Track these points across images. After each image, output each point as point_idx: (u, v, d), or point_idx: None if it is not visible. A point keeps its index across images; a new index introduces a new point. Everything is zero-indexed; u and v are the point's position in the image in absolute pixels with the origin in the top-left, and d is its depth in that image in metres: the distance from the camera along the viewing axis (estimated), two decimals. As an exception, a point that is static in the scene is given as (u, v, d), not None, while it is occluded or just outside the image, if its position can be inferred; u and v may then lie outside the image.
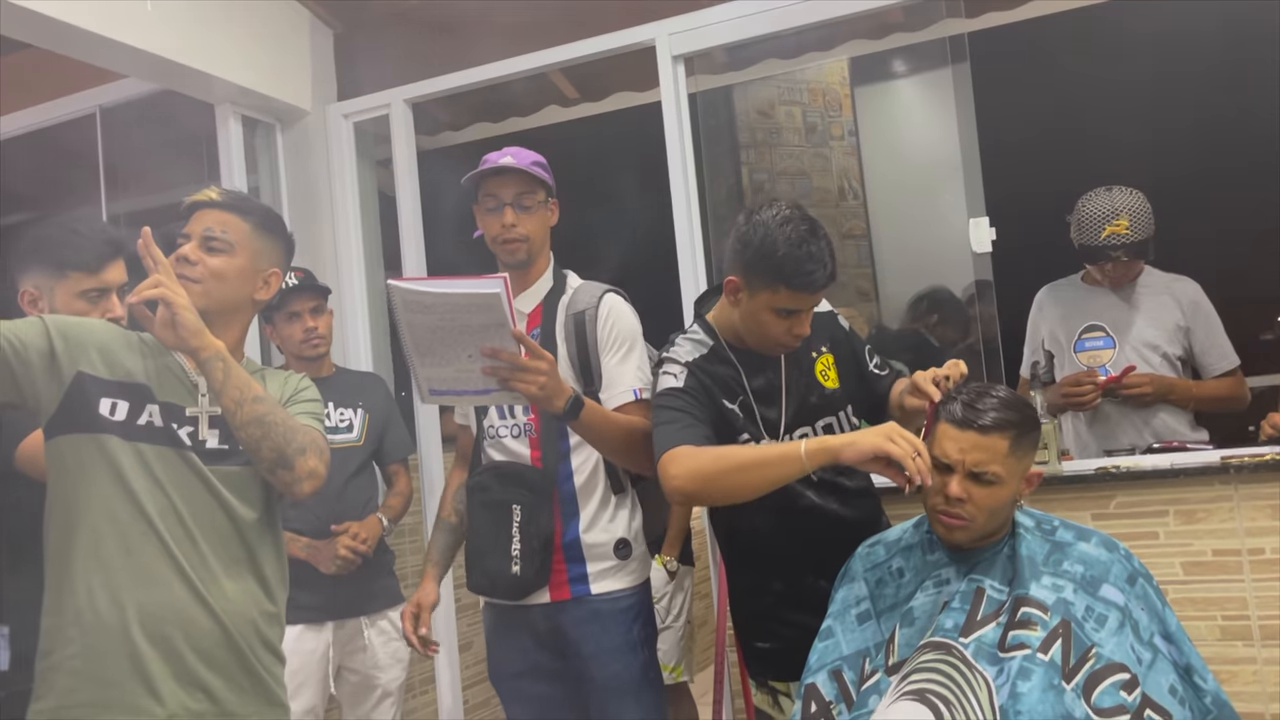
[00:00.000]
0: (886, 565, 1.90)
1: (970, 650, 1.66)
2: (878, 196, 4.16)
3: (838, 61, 4.17)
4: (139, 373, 1.72)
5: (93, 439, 1.66)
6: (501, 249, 2.24)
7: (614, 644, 2.19)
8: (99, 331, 1.74)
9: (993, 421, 1.71)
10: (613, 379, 2.18)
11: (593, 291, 2.25)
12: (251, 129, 3.38)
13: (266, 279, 1.84)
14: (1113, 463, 2.51)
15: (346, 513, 2.75)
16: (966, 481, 1.72)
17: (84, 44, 2.75)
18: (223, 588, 1.69)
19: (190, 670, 1.65)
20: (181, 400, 1.74)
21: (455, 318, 1.80)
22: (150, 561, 1.65)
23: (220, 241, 1.77)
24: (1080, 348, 2.93)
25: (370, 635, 2.81)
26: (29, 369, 1.65)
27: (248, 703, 1.72)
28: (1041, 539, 1.80)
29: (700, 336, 2.07)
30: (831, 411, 2.08)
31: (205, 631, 1.67)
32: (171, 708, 1.63)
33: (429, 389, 1.92)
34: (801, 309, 1.95)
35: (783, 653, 2.05)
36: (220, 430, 1.74)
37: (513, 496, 2.18)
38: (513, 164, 2.20)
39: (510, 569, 2.16)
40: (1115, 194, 2.81)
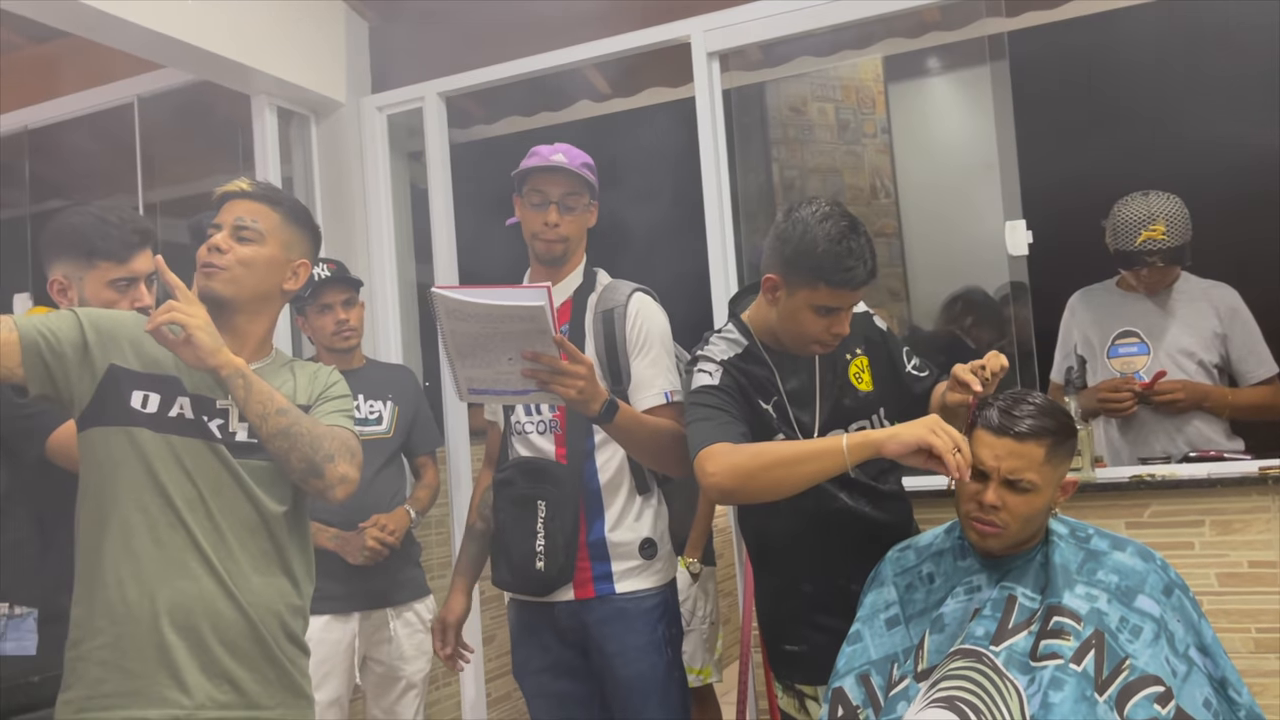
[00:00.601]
0: (917, 570, 1.89)
1: (1001, 659, 1.65)
2: (910, 195, 4.13)
3: (871, 59, 4.13)
4: (170, 365, 1.73)
5: (124, 431, 1.68)
6: (539, 245, 2.26)
7: (638, 643, 2.20)
8: (131, 324, 1.76)
9: (1029, 429, 1.70)
10: (643, 381, 2.19)
11: (622, 290, 2.26)
12: (286, 120, 3.39)
13: (295, 269, 1.85)
14: (1148, 471, 2.48)
15: (375, 504, 2.76)
16: (1001, 489, 1.71)
17: (124, 34, 2.77)
18: (249, 580, 1.70)
19: (217, 662, 1.67)
20: (212, 392, 1.75)
21: (498, 326, 1.82)
22: (178, 553, 1.66)
23: (251, 231, 1.78)
24: (1114, 353, 2.90)
25: (396, 626, 2.83)
26: (63, 361, 1.67)
27: (273, 694, 1.73)
28: (1075, 547, 1.78)
29: (735, 336, 2.06)
30: (864, 415, 2.07)
31: (231, 624, 1.68)
32: (198, 699, 1.65)
33: (468, 388, 1.94)
34: (841, 307, 1.93)
35: (811, 656, 2.04)
36: (250, 423, 1.74)
37: (538, 492, 2.18)
38: (564, 163, 2.21)
39: (534, 565, 2.17)
40: (1152, 199, 2.77)
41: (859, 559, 1.99)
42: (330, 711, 2.70)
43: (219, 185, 1.87)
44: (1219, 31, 3.47)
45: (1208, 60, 3.33)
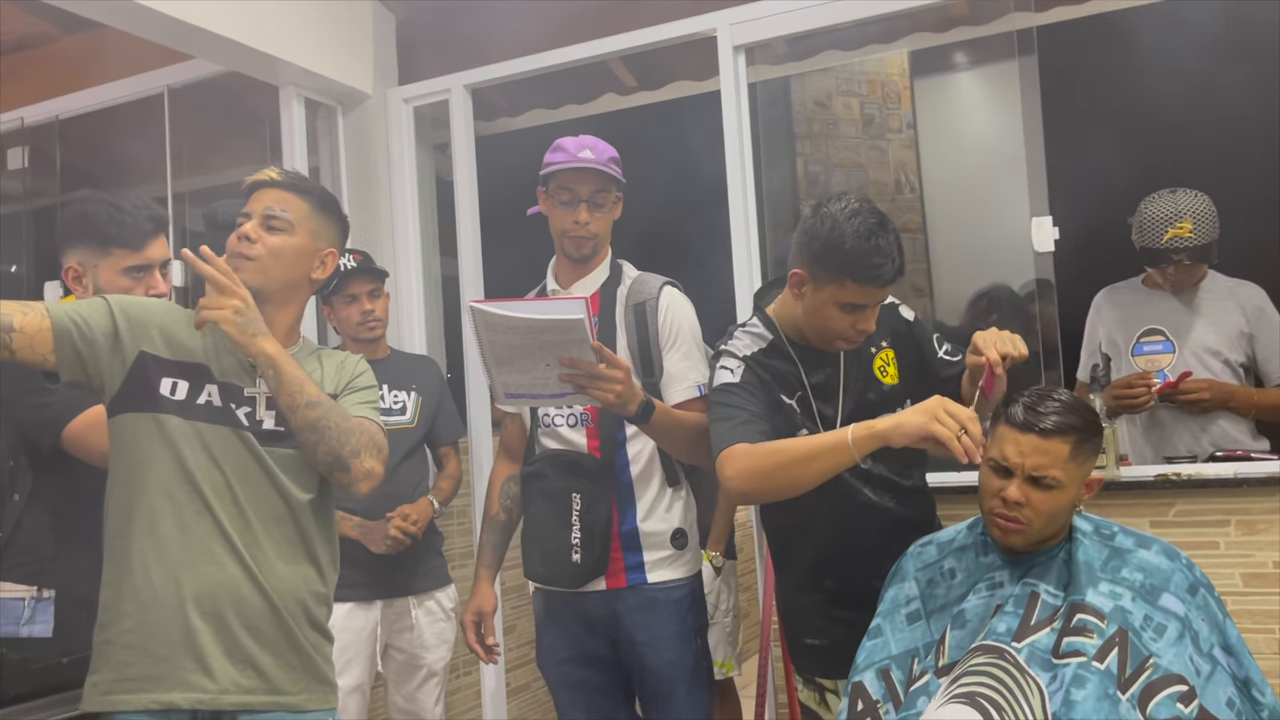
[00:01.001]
0: (938, 565, 1.89)
1: (1023, 655, 1.65)
2: (935, 191, 4.11)
3: (897, 53, 4.11)
4: (199, 353, 1.75)
5: (152, 418, 1.70)
6: (569, 242, 2.26)
7: (668, 633, 2.21)
8: (160, 312, 1.78)
9: (1054, 425, 1.69)
10: (675, 374, 2.21)
11: (652, 283, 2.28)
12: (314, 111, 3.41)
13: (323, 258, 1.85)
14: (1173, 470, 2.46)
15: (398, 493, 2.78)
16: (1025, 485, 1.70)
17: (154, 24, 2.80)
18: (274, 567, 1.72)
19: (241, 647, 1.68)
20: (239, 380, 1.77)
21: (536, 337, 1.85)
22: (204, 539, 1.68)
23: (280, 220, 1.79)
24: (1138, 351, 2.88)
25: (418, 615, 2.85)
26: (94, 348, 1.69)
27: (296, 680, 1.74)
28: (1100, 544, 1.78)
29: (759, 330, 2.06)
30: (890, 408, 2.05)
31: (256, 609, 1.70)
32: (223, 683, 1.66)
33: (505, 392, 1.97)
34: (867, 304, 1.92)
35: (831, 650, 2.04)
36: (278, 411, 1.76)
37: (571, 485, 2.19)
38: (593, 160, 2.21)
39: (570, 557, 2.18)
40: (1179, 196, 2.75)
41: (880, 553, 1.99)
42: (352, 698, 2.72)
43: (247, 175, 1.88)
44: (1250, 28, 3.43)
45: (1238, 56, 3.30)
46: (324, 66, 3.23)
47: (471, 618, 2.37)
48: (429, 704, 2.88)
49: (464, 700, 3.51)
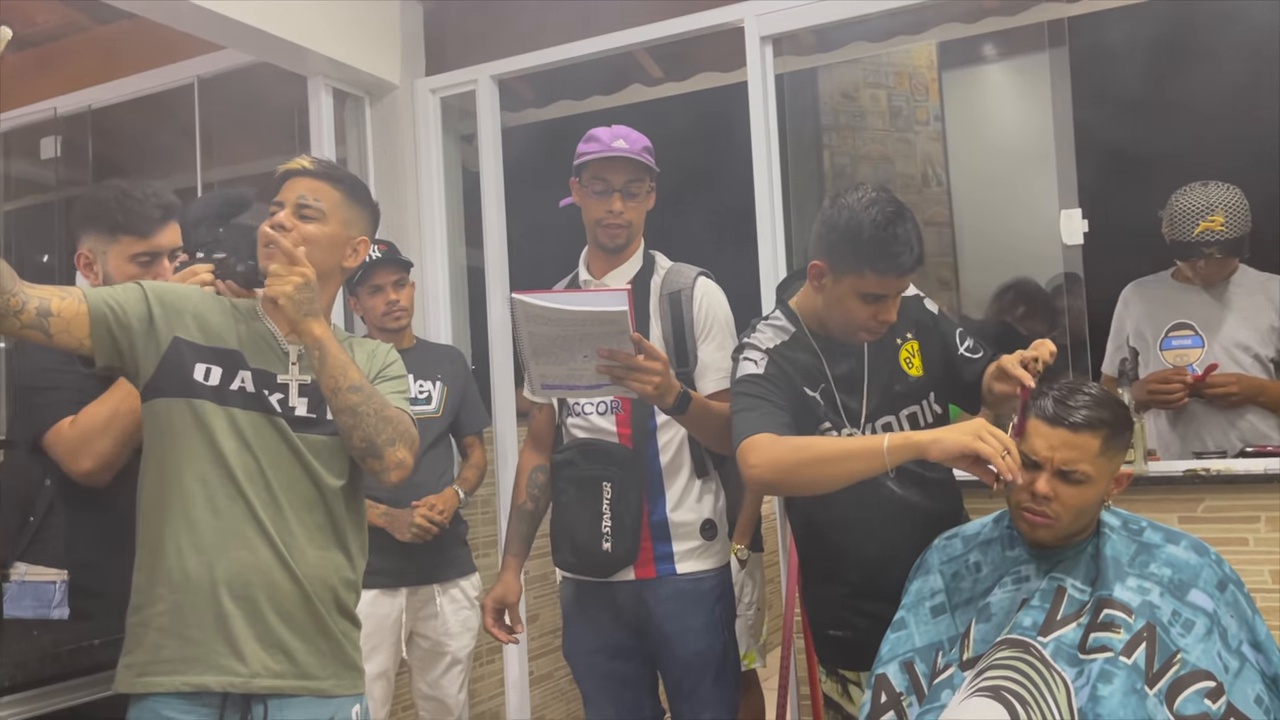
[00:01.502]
0: (964, 559, 1.88)
1: (1049, 650, 1.64)
2: (962, 184, 4.09)
3: (925, 45, 4.09)
4: (232, 339, 1.76)
5: (186, 403, 1.71)
6: (603, 232, 2.27)
7: (697, 624, 2.22)
8: (194, 298, 1.79)
9: (1084, 419, 1.68)
10: (710, 364, 2.22)
11: (687, 273, 2.29)
12: (341, 102, 3.43)
13: (355, 246, 1.85)
14: (1202, 465, 2.44)
15: (424, 483, 2.80)
16: (1054, 479, 1.69)
17: (185, 15, 2.82)
18: (305, 553, 1.73)
19: (272, 631, 1.69)
20: (273, 367, 1.77)
21: (577, 329, 1.86)
22: (237, 524, 1.69)
23: (313, 209, 1.79)
24: (1167, 346, 2.85)
25: (442, 603, 2.87)
26: (129, 334, 1.70)
27: (325, 665, 1.75)
28: (1127, 540, 1.77)
29: (782, 323, 2.05)
30: (915, 400, 2.05)
31: (287, 595, 1.70)
32: (254, 667, 1.67)
33: (541, 384, 1.98)
34: (888, 294, 1.90)
35: (854, 642, 2.04)
36: (309, 398, 1.77)
37: (602, 473, 2.20)
38: (627, 150, 2.22)
39: (600, 546, 2.18)
40: (1211, 189, 2.72)
41: (904, 545, 1.98)
42: (377, 684, 2.75)
43: (277, 165, 1.88)
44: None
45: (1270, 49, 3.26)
46: (352, 57, 3.25)
47: (493, 604, 2.38)
48: (453, 691, 2.90)
49: (488, 688, 3.53)
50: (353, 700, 1.79)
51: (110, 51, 3.82)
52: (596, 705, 2.35)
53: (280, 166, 1.86)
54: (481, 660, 3.47)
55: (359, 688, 1.82)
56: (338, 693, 1.76)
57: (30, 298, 1.61)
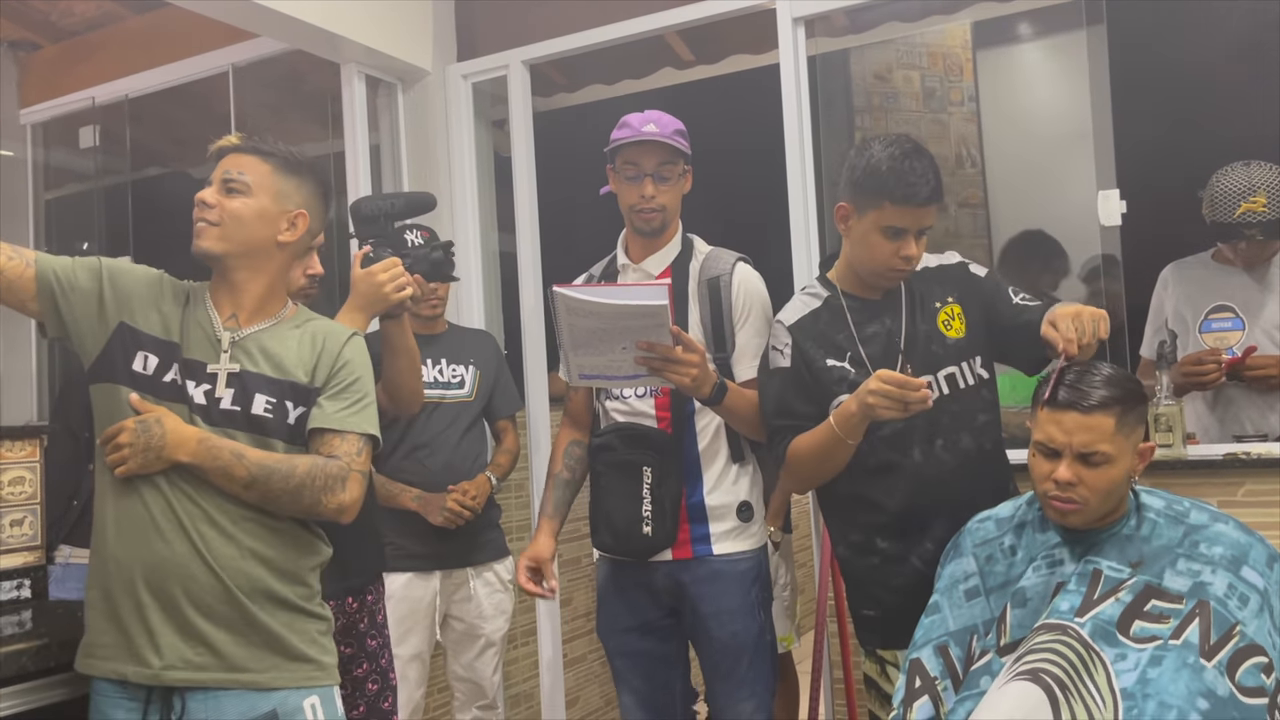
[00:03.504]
0: (998, 542, 1.87)
1: (1087, 630, 1.63)
2: (997, 165, 4.04)
3: (959, 25, 4.04)
4: (175, 328, 1.74)
5: (122, 389, 1.70)
6: (637, 217, 2.28)
7: (733, 605, 2.24)
8: (148, 282, 1.78)
9: (1097, 400, 1.67)
10: (745, 351, 2.25)
11: (725, 258, 2.31)
12: (374, 89, 3.45)
13: (292, 220, 1.79)
14: (1242, 449, 2.41)
15: (458, 466, 2.82)
16: (1075, 464, 1.68)
17: (219, 3, 2.85)
18: (223, 544, 1.68)
19: (191, 624, 1.66)
20: (205, 356, 1.74)
21: (617, 322, 1.89)
22: (157, 516, 1.67)
23: (237, 183, 1.75)
24: (1207, 328, 2.81)
25: (476, 586, 2.89)
26: (73, 308, 1.71)
27: (261, 657, 1.70)
28: (1172, 523, 1.75)
29: (816, 290, 2.13)
30: (954, 361, 2.06)
31: (205, 588, 1.67)
32: (169, 659, 1.65)
33: (579, 374, 2.02)
34: (908, 228, 1.97)
35: (886, 620, 2.05)
36: (235, 390, 1.72)
37: (642, 458, 2.22)
38: (656, 133, 2.22)
39: (641, 530, 2.21)
40: (1253, 169, 2.67)
41: (934, 518, 1.99)
42: (412, 666, 2.78)
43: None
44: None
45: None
46: (385, 44, 3.26)
47: (527, 561, 2.37)
48: (487, 673, 2.93)
49: (522, 670, 3.56)
50: (304, 693, 1.73)
51: (147, 41, 3.85)
52: (628, 683, 2.37)
53: (212, 145, 1.83)
54: (516, 643, 3.49)
55: (316, 680, 1.76)
56: (278, 685, 1.71)
57: None
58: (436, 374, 2.87)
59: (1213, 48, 3.37)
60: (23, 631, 1.98)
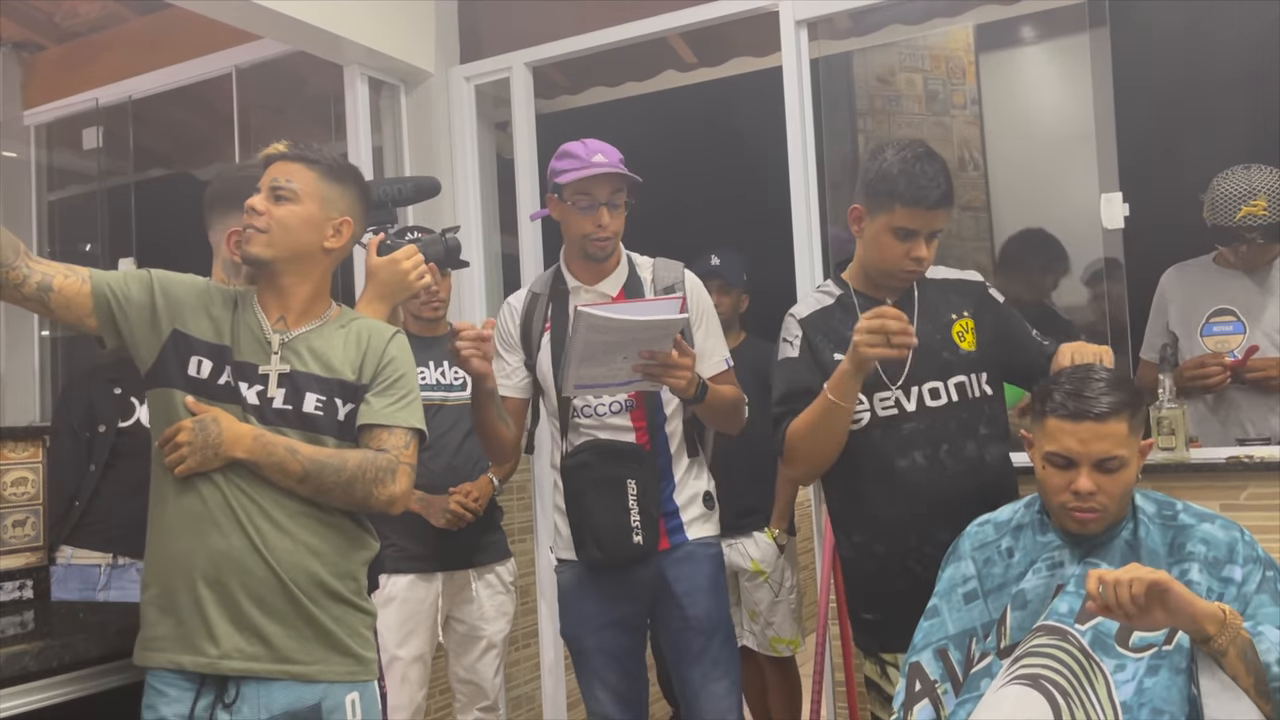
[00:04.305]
0: (996, 545, 1.87)
1: (1088, 639, 1.63)
2: (1000, 168, 4.04)
3: (962, 28, 4.04)
4: (226, 332, 1.79)
5: (177, 394, 1.75)
6: (592, 245, 2.31)
7: (705, 585, 2.34)
8: (198, 289, 1.83)
9: (1109, 407, 1.67)
10: (704, 351, 2.34)
11: (674, 268, 2.41)
12: (377, 90, 3.45)
13: (337, 227, 1.84)
14: (1245, 452, 2.40)
15: (460, 468, 2.82)
16: (1093, 473, 1.68)
17: (223, 5, 2.86)
18: (279, 540, 1.73)
19: (246, 616, 1.71)
20: (256, 358, 1.79)
21: (632, 335, 1.99)
22: (215, 511, 1.72)
23: (286, 190, 1.79)
24: (1208, 331, 2.80)
25: (478, 588, 2.89)
26: (129, 320, 1.76)
27: (310, 650, 1.75)
28: (1162, 527, 1.75)
29: (829, 288, 2.19)
30: (964, 371, 2.10)
31: (260, 580, 1.71)
32: (225, 648, 1.70)
33: (575, 384, 2.10)
34: (918, 230, 2.02)
35: (886, 624, 2.06)
36: (287, 389, 1.77)
37: (626, 472, 2.27)
38: (607, 165, 2.26)
39: (631, 539, 2.26)
40: (1254, 173, 2.67)
41: (933, 524, 2.00)
42: (414, 667, 2.78)
43: None
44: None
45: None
46: (387, 45, 3.27)
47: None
48: (489, 675, 2.93)
49: (523, 672, 3.56)
50: (347, 688, 1.79)
51: (150, 42, 3.86)
52: (603, 680, 2.39)
53: (260, 154, 1.87)
54: (517, 645, 3.49)
55: (359, 675, 1.81)
56: (324, 678, 1.76)
57: (33, 272, 1.70)
58: (439, 376, 2.88)
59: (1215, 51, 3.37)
60: (25, 632, 1.99)
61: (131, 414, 2.50)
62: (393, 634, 2.72)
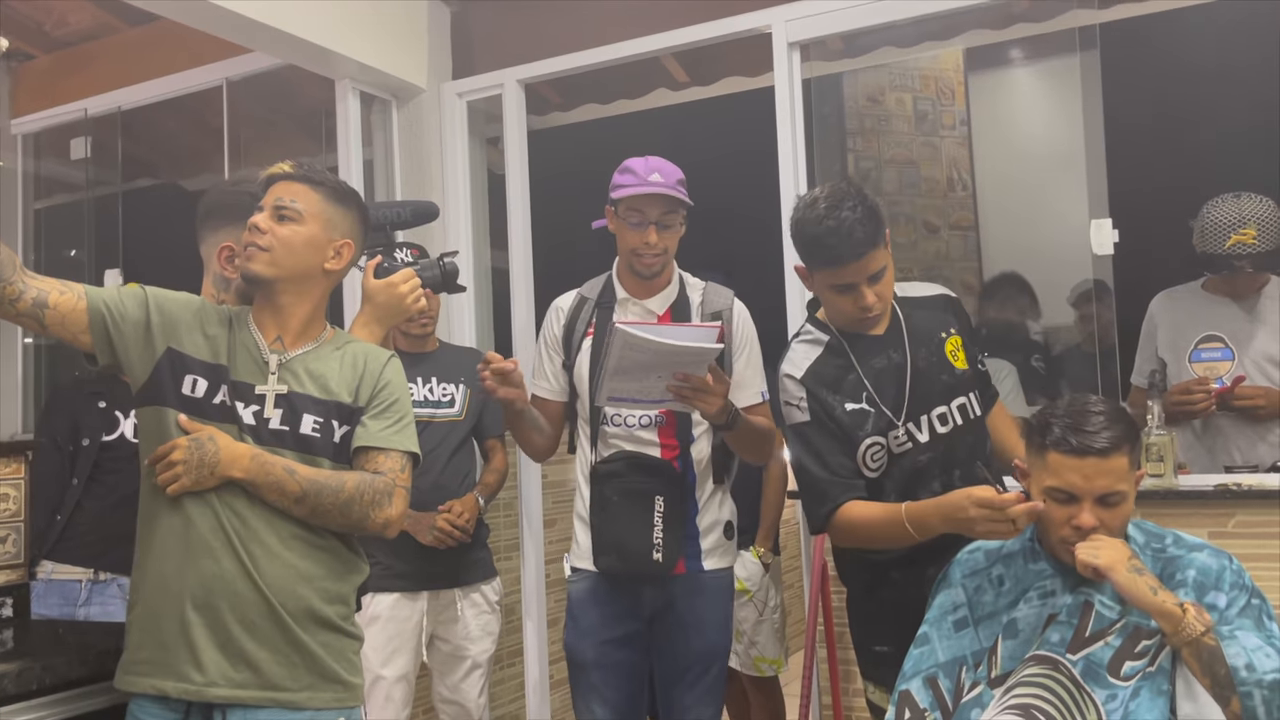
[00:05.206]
0: (986, 572, 1.87)
1: (1079, 669, 1.63)
2: (988, 189, 4.06)
3: (952, 49, 4.06)
4: (222, 351, 1.77)
5: (170, 412, 1.73)
6: (638, 262, 2.34)
7: (716, 618, 2.36)
8: (194, 308, 1.81)
9: (1111, 442, 1.67)
10: (742, 381, 2.35)
11: (724, 294, 2.42)
12: (369, 105, 3.44)
13: (338, 249, 1.83)
14: (1233, 480, 2.41)
15: (447, 485, 2.81)
16: (1095, 508, 1.68)
17: (214, 18, 2.84)
18: (271, 564, 1.71)
19: (234, 641, 1.68)
20: (253, 378, 1.77)
21: (668, 358, 2.01)
22: (206, 533, 1.69)
23: (290, 210, 1.79)
24: (1196, 358, 2.82)
25: (463, 607, 2.87)
26: (124, 337, 1.74)
27: (298, 677, 1.72)
28: (1153, 558, 1.75)
29: (814, 335, 2.13)
30: (963, 391, 2.09)
31: (251, 605, 1.69)
32: (211, 675, 1.67)
33: (609, 396, 2.13)
34: (855, 281, 1.98)
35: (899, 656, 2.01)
36: (284, 410, 1.76)
37: (654, 488, 2.28)
38: (662, 185, 2.29)
39: (652, 555, 2.27)
40: (1244, 201, 2.68)
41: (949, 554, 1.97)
42: (397, 687, 2.75)
43: None
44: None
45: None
46: (380, 60, 3.26)
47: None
48: (473, 695, 2.91)
49: (508, 691, 3.54)
50: (334, 715, 1.76)
51: (140, 53, 3.84)
52: (601, 695, 2.38)
53: (263, 172, 1.86)
54: (502, 664, 3.47)
55: (346, 702, 1.79)
56: (311, 705, 1.73)
57: (29, 288, 1.68)
58: (426, 393, 2.86)
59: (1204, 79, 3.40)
60: (4, 652, 1.96)
61: (116, 427, 2.48)
62: (377, 653, 2.69)
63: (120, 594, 2.42)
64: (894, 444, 2.04)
